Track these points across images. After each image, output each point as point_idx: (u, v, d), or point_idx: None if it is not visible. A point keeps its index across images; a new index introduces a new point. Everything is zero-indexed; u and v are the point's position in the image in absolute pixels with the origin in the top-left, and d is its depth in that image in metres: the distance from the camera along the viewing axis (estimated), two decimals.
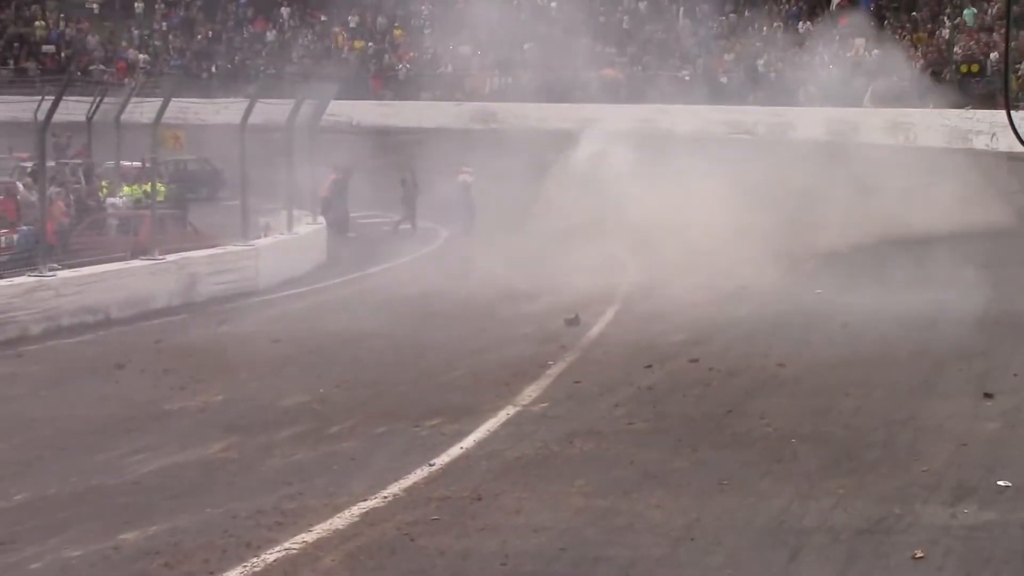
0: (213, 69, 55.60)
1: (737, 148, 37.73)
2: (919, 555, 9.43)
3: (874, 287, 22.12)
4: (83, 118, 32.57)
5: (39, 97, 30.70)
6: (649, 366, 16.33)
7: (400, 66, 54.49)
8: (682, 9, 53.27)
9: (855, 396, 14.59)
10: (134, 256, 23.08)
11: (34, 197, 23.86)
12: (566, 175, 33.85)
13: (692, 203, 29.30)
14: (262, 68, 54.40)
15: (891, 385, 15.22)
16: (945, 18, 45.34)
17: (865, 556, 9.51)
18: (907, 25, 45.83)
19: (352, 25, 56.54)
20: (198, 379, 16.08)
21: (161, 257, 22.88)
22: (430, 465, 11.91)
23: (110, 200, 28.33)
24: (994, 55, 42.73)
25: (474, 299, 22.23)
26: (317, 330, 19.96)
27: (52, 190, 25.07)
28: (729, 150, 35.92)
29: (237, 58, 56.19)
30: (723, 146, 37.87)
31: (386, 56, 55.23)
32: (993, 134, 38.22)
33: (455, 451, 12.46)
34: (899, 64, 42.46)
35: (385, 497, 10.94)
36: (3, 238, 23.74)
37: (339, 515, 10.46)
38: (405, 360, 17.20)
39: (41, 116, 22.39)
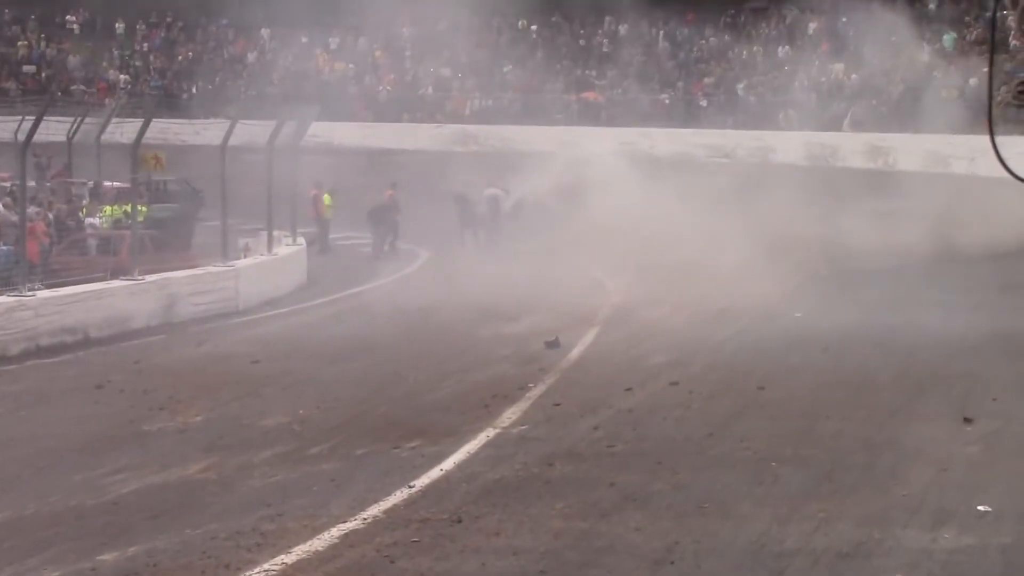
0: (194, 90, 55.59)
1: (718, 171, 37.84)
2: None
3: (854, 309, 22.16)
4: (64, 138, 32.54)
5: (20, 117, 30.69)
6: (629, 388, 16.32)
7: (381, 88, 54.54)
8: (662, 33, 53.45)
9: (835, 419, 14.60)
10: (114, 276, 23.03)
11: (14, 217, 23.76)
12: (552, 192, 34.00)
13: (674, 227, 29.41)
14: (243, 89, 54.39)
15: (871, 408, 15.23)
16: (925, 43, 45.58)
17: None
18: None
19: (333, 47, 56.60)
20: (178, 399, 16.03)
21: (141, 277, 22.83)
22: (410, 487, 11.88)
23: (89, 220, 28.24)
24: (973, 80, 42.96)
25: (454, 320, 22.21)
26: (297, 351, 19.92)
27: (32, 210, 25.00)
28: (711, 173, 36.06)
29: (218, 79, 56.17)
30: (704, 169, 38.00)
31: (367, 78, 55.29)
32: (972, 159, 38.39)
33: (435, 473, 12.43)
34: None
35: (365, 519, 10.92)
36: None
37: (319, 537, 10.43)
38: (385, 381, 17.17)
39: (22, 136, 22.37)
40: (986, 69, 41.17)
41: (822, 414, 14.85)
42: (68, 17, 60.66)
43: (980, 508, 11.09)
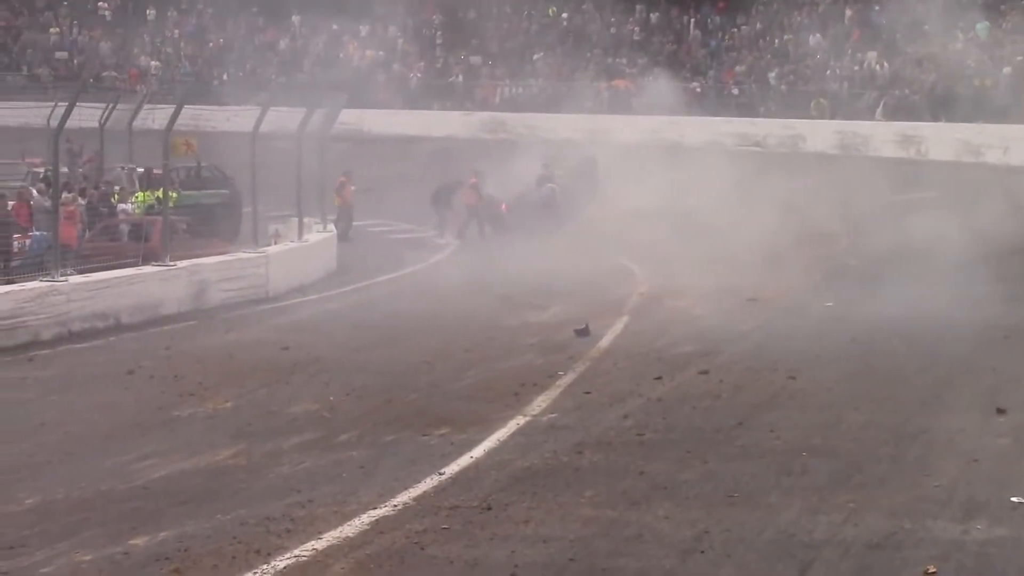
0: (225, 77, 55.72)
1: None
2: (931, 570, 9.38)
3: (884, 300, 22.07)
4: (95, 124, 32.66)
5: (52, 103, 30.79)
6: (659, 377, 16.30)
7: (411, 75, 54.56)
8: (693, 21, 53.29)
9: (865, 410, 14.53)
10: (145, 262, 23.13)
11: (48, 203, 23.90)
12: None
13: (703, 215, 29.38)
14: (273, 76, 54.52)
15: (901, 399, 15.16)
16: (958, 32, 45.33)
17: (876, 571, 9.47)
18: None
19: (363, 34, 56.64)
20: (207, 386, 16.10)
21: (172, 263, 22.91)
22: (440, 474, 11.89)
23: (121, 206, 28.38)
24: (1007, 69, 42.73)
25: (482, 308, 22.22)
26: (326, 338, 19.97)
27: (68, 195, 25.18)
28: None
29: (249, 66, 56.30)
30: (734, 158, 37.90)
31: (394, 65, 55.32)
32: (1005, 148, 38.18)
33: (464, 460, 12.43)
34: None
35: (395, 505, 10.93)
36: (16, 243, 23.81)
37: (349, 523, 10.45)
38: (413, 369, 17.19)
39: (54, 122, 22.45)
40: (1021, 57, 40.99)
41: (851, 405, 14.79)
42: (100, 4, 60.93)
43: (1012, 499, 11.02)
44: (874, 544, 9.97)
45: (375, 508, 10.84)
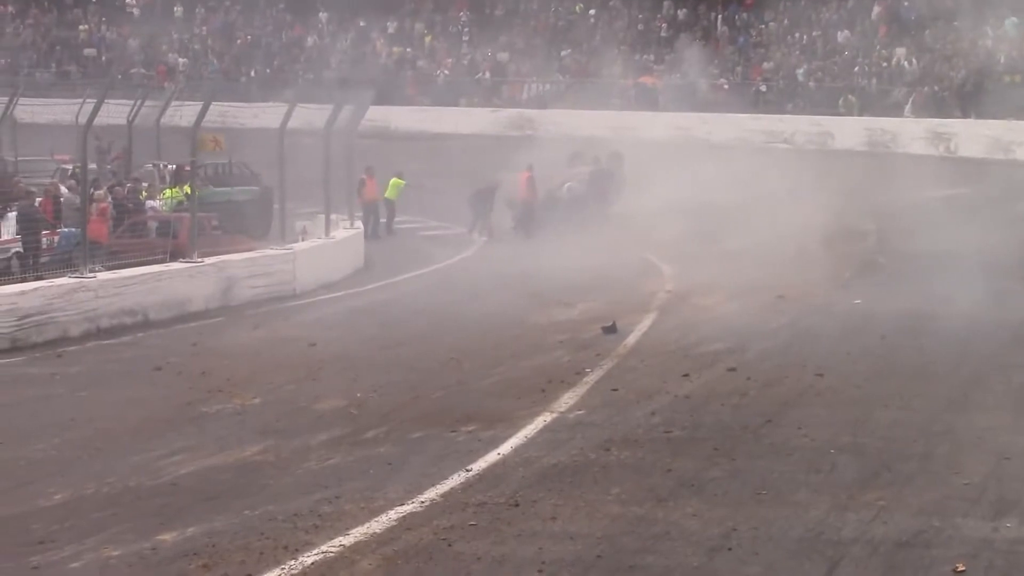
0: (252, 73, 55.86)
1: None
2: (960, 569, 9.35)
3: (913, 297, 21.99)
4: (124, 121, 32.79)
5: (80, 100, 30.94)
6: (686, 375, 16.27)
7: (438, 72, 54.58)
8: (721, 17, 53.16)
9: (894, 407, 14.48)
10: (173, 259, 23.20)
11: (78, 199, 24.00)
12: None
13: (731, 212, 29.31)
14: (301, 73, 54.62)
15: (930, 397, 15.09)
16: (988, 28, 45.09)
17: (905, 569, 9.43)
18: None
19: (390, 31, 56.70)
20: (235, 382, 16.14)
21: (200, 260, 22.97)
22: (467, 471, 11.90)
23: (149, 203, 28.47)
24: None
25: (509, 306, 22.20)
26: (353, 335, 19.99)
27: (98, 192, 25.27)
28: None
29: (276, 63, 56.43)
30: (762, 155, 37.81)
31: (419, 62, 55.34)
32: None
33: (492, 457, 12.43)
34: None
35: (422, 502, 10.94)
36: (45, 239, 23.92)
37: (376, 519, 10.47)
38: (440, 366, 17.19)
39: (83, 119, 22.53)
40: None
41: (880, 402, 14.73)
42: (128, 1, 61.14)
43: None
44: (903, 542, 9.94)
45: (402, 504, 10.85)
